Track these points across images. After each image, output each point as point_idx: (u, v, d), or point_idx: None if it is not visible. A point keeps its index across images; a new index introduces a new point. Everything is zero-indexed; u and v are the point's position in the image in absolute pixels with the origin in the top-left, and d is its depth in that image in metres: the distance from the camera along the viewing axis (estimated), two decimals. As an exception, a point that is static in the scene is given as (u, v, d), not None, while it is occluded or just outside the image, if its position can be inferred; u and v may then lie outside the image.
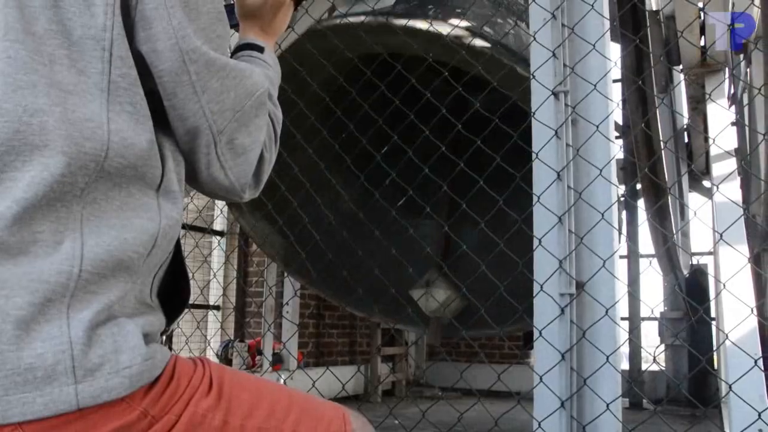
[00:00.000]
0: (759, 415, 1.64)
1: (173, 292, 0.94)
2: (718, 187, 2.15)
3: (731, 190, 2.67)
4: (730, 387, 1.79)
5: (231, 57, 1.02)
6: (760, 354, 1.96)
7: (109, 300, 0.76)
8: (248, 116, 0.92)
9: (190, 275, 1.01)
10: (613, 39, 2.06)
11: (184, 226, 5.05)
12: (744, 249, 2.31)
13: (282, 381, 3.93)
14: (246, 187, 0.96)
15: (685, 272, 4.05)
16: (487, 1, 3.12)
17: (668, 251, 3.10)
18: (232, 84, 0.89)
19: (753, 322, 2.09)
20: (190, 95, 0.85)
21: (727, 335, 1.86)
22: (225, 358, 4.70)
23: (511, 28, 2.86)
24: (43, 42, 0.78)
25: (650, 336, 5.94)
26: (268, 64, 1.06)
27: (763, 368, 1.92)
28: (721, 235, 1.86)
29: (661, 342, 5.08)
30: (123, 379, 0.74)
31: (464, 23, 2.73)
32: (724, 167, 2.98)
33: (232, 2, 1.15)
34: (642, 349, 5.10)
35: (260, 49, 1.08)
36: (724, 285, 1.97)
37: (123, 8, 0.82)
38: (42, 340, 0.71)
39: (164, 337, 1.01)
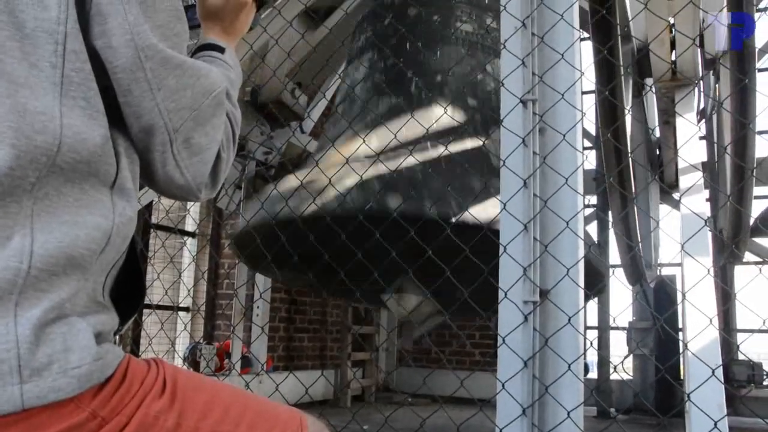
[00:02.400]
0: (715, 424, 1.66)
1: (128, 292, 0.92)
2: (680, 199, 2.17)
3: (697, 203, 2.71)
4: (688, 396, 1.80)
5: (191, 56, 1.02)
6: (720, 363, 1.98)
7: (59, 298, 0.74)
8: (205, 115, 0.91)
9: (156, 275, 1.00)
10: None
11: (152, 226, 4.99)
12: (707, 261, 2.34)
13: (246, 385, 3.89)
14: (202, 186, 0.94)
15: (651, 283, 4.11)
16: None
17: (633, 261, 3.13)
18: (188, 82, 0.88)
19: (714, 332, 2.12)
20: (146, 92, 0.84)
21: (686, 345, 1.88)
22: (192, 360, 4.64)
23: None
24: None
25: (620, 346, 6.01)
26: (228, 65, 1.06)
27: (722, 378, 1.95)
28: (682, 246, 1.89)
29: (630, 352, 5.14)
30: (71, 379, 0.72)
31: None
32: (692, 180, 3.03)
33: (193, 2, 1.14)
34: (609, 359, 5.14)
35: (221, 50, 1.07)
36: (684, 295, 2.00)
37: (78, 2, 0.81)
38: None
39: (117, 337, 1.00)
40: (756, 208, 4.17)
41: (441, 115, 2.72)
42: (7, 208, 0.73)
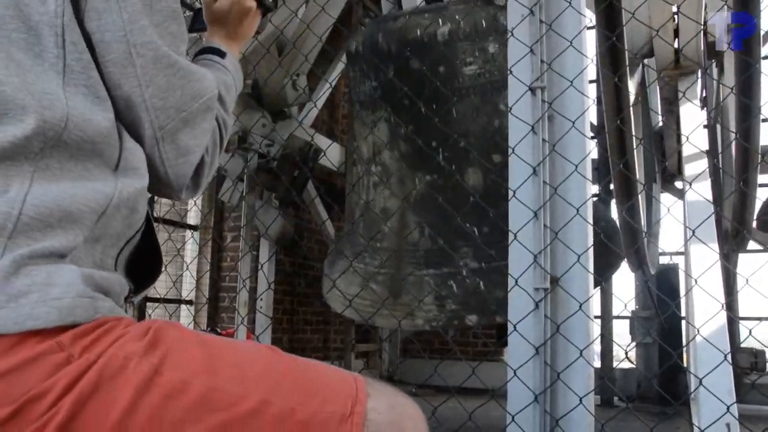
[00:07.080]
0: (728, 408, 1.67)
1: (144, 275, 0.93)
2: (691, 185, 2.17)
3: (703, 189, 2.71)
4: (700, 381, 1.81)
5: (193, 59, 1.05)
6: (729, 350, 1.99)
7: (51, 245, 0.74)
8: (194, 118, 0.92)
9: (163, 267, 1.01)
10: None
11: (156, 220, 4.98)
12: (715, 247, 2.34)
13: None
14: (183, 187, 0.96)
15: (653, 271, 4.11)
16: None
17: (637, 249, 3.14)
18: (179, 83, 0.90)
19: (723, 318, 2.12)
20: (135, 88, 0.86)
21: (698, 330, 1.88)
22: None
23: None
24: (1, 26, 0.81)
25: (623, 334, 6.01)
26: (227, 70, 1.08)
27: (731, 363, 1.95)
28: (693, 232, 1.89)
29: (633, 340, 5.15)
30: (51, 309, 0.70)
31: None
32: (696, 167, 3.02)
33: (201, 6, 1.17)
34: (617, 346, 5.15)
35: (221, 54, 1.10)
36: (696, 281, 2.00)
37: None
38: None
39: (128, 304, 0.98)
40: (760, 196, 4.17)
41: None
42: (7, 171, 0.75)
